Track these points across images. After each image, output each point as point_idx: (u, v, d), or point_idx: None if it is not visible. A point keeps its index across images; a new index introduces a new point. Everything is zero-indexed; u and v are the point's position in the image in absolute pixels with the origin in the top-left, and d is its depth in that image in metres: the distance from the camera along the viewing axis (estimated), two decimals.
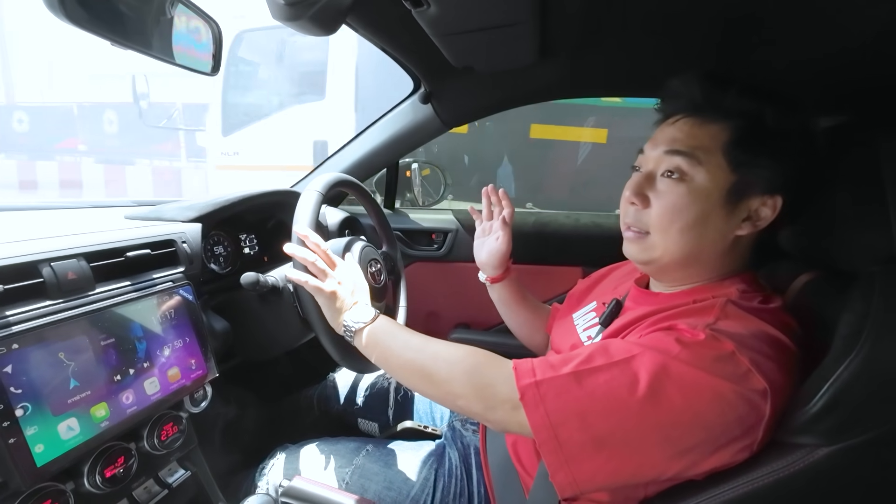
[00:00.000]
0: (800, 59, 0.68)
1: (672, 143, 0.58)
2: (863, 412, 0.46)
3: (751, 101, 0.56)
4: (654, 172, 0.60)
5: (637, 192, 0.60)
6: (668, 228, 0.57)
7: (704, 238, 0.57)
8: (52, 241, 0.61)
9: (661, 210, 0.58)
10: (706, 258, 0.59)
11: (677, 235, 0.57)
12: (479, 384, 0.56)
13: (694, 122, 0.58)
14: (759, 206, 0.56)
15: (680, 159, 0.56)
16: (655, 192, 0.59)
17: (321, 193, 0.78)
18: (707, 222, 0.56)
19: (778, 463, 0.48)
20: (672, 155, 0.57)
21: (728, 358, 0.48)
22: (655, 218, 0.58)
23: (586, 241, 1.30)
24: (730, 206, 0.56)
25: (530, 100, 1.12)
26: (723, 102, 0.57)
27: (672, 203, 0.57)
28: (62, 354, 0.54)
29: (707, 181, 0.56)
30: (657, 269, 0.63)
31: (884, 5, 0.51)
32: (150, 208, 0.87)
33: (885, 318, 0.46)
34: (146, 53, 0.60)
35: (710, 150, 0.56)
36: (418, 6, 0.61)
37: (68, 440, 0.54)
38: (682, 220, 0.57)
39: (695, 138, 0.57)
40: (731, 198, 0.56)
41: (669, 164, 0.57)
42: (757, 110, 0.55)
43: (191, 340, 0.71)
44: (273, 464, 0.82)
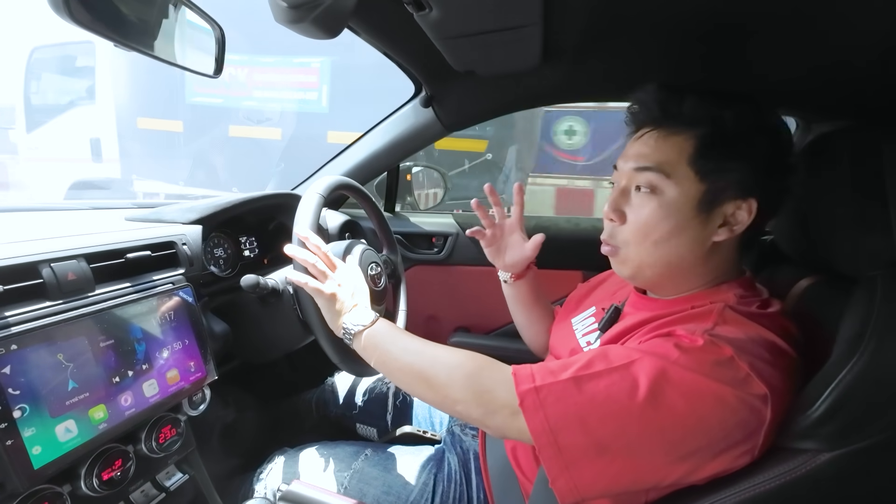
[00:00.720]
0: (801, 65, 0.69)
1: (640, 158, 0.59)
2: (866, 417, 0.45)
3: (708, 108, 0.57)
4: (628, 188, 0.61)
5: (614, 208, 0.61)
6: (642, 242, 0.59)
7: (680, 248, 0.58)
8: (53, 241, 0.61)
9: (636, 225, 0.59)
10: (687, 266, 0.60)
11: (651, 248, 0.58)
12: (478, 389, 0.55)
13: (658, 135, 0.59)
14: (734, 211, 0.57)
15: (650, 174, 0.58)
16: (630, 207, 0.60)
17: (323, 196, 0.78)
18: (682, 233, 0.57)
19: (780, 468, 0.47)
20: (641, 171, 0.59)
21: (727, 363, 0.48)
22: (630, 233, 0.60)
23: (586, 246, 1.29)
24: (703, 214, 0.57)
25: (532, 103, 1.12)
26: (681, 112, 0.58)
27: (645, 218, 0.58)
28: (61, 356, 0.54)
29: (678, 194, 0.57)
30: (644, 281, 0.63)
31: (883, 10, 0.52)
32: (151, 210, 0.87)
33: (887, 322, 0.46)
34: (149, 55, 0.60)
35: (676, 162, 0.57)
36: (420, 10, 0.62)
37: (66, 442, 0.54)
38: (656, 234, 0.58)
39: (661, 152, 0.58)
40: (704, 207, 0.57)
41: (640, 179, 0.59)
42: (716, 115, 0.56)
43: (190, 342, 0.71)
44: (271, 468, 0.82)
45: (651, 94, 0.60)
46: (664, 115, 0.59)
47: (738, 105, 0.56)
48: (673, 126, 0.58)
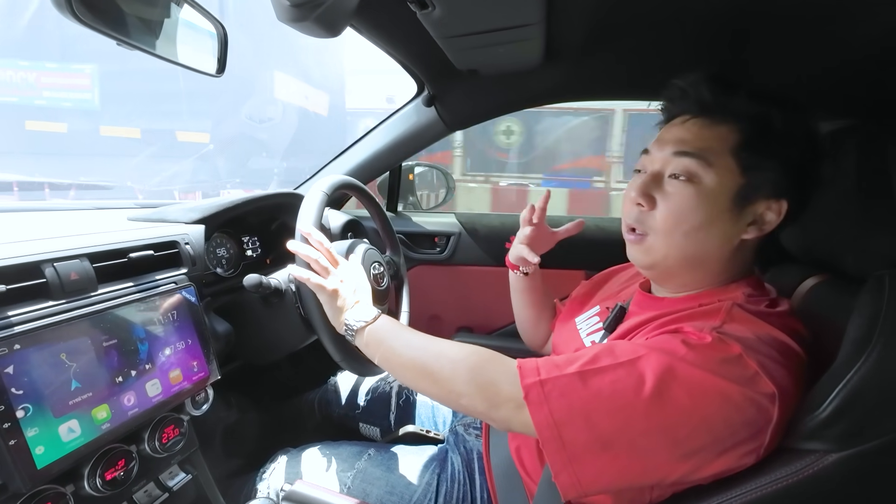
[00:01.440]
0: (806, 63, 0.68)
1: (681, 143, 0.57)
2: (874, 417, 0.45)
3: (759, 104, 0.56)
4: (661, 173, 0.59)
5: (643, 192, 0.58)
6: (673, 231, 0.57)
7: (709, 242, 0.57)
8: (56, 241, 0.61)
9: (667, 212, 0.57)
10: (711, 262, 0.59)
11: (681, 238, 0.57)
12: (483, 382, 0.55)
13: (703, 123, 0.57)
14: (764, 210, 0.56)
15: (689, 160, 0.56)
16: (663, 194, 0.58)
17: (326, 194, 0.78)
18: (713, 226, 0.56)
19: (786, 469, 0.47)
20: (681, 156, 0.56)
21: (735, 360, 0.47)
22: (660, 220, 0.57)
23: (589, 245, 1.30)
24: (736, 209, 0.56)
25: (534, 102, 1.12)
26: (730, 104, 0.56)
27: (679, 205, 0.56)
28: (64, 355, 0.54)
29: (716, 184, 0.55)
30: (661, 273, 0.62)
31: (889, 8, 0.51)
32: (154, 210, 0.87)
33: (895, 322, 0.46)
34: (151, 54, 0.60)
35: (718, 151, 0.55)
36: (423, 8, 0.62)
37: (69, 442, 0.54)
38: (688, 223, 0.56)
39: (704, 140, 0.56)
40: (739, 201, 0.55)
41: (678, 165, 0.57)
42: (764, 113, 0.55)
43: (193, 342, 0.71)
44: (274, 468, 0.81)
45: (700, 83, 0.58)
46: (715, 103, 0.57)
47: (788, 106, 0.56)
48: (720, 116, 0.56)
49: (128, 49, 0.53)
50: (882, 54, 0.59)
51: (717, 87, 0.57)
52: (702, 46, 0.72)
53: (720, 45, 0.71)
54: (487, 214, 1.41)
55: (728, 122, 0.56)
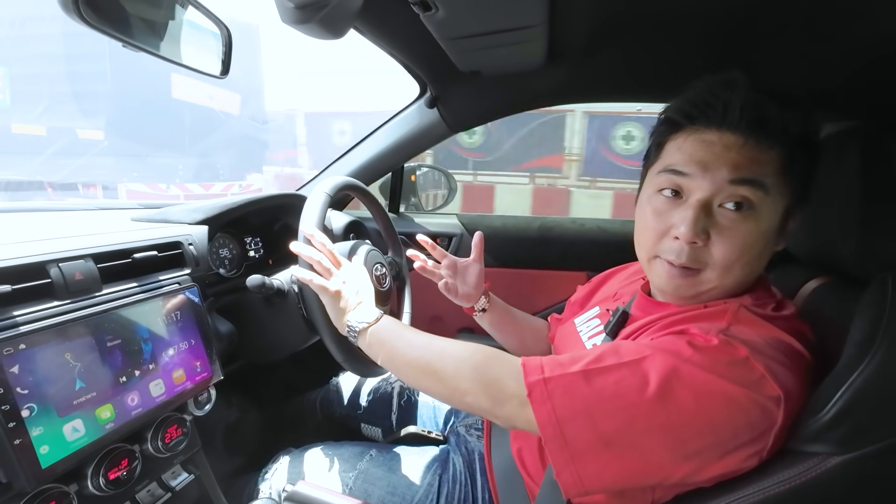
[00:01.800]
0: (810, 64, 0.68)
1: (737, 170, 0.51)
2: (877, 420, 0.45)
3: (804, 121, 0.52)
4: (710, 202, 0.53)
5: (700, 230, 0.52)
6: (734, 265, 0.53)
7: (759, 267, 0.56)
8: (60, 241, 0.62)
9: (728, 248, 0.52)
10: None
11: (739, 271, 0.54)
12: (487, 380, 0.55)
13: (748, 144, 0.51)
14: (791, 223, 0.56)
15: (748, 190, 0.51)
16: (717, 227, 0.53)
17: (329, 195, 0.78)
18: (765, 251, 0.55)
19: (789, 472, 0.47)
20: (738, 184, 0.51)
21: (741, 363, 0.47)
22: (720, 256, 0.53)
23: (591, 247, 1.29)
24: (780, 230, 0.55)
25: (537, 104, 1.12)
26: (785, 124, 0.51)
27: (742, 241, 0.52)
28: (68, 355, 0.54)
29: (772, 212, 0.52)
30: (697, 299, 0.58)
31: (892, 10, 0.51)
32: (157, 210, 0.88)
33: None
34: (157, 55, 0.60)
35: (772, 176, 0.51)
36: (427, 10, 0.62)
37: (73, 441, 0.54)
38: (748, 256, 0.53)
39: (760, 164, 0.51)
40: (783, 223, 0.55)
41: (734, 193, 0.51)
42: (804, 130, 0.52)
43: (196, 342, 0.71)
44: (276, 468, 0.82)
45: (757, 100, 0.51)
46: (769, 124, 0.51)
47: (814, 119, 0.54)
48: (768, 136, 0.51)
49: (133, 50, 0.53)
50: (887, 56, 0.59)
51: (760, 100, 0.51)
52: (705, 48, 0.72)
53: (724, 47, 0.71)
54: (489, 215, 1.41)
55: (777, 143, 0.51)
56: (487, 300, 0.89)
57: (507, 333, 0.93)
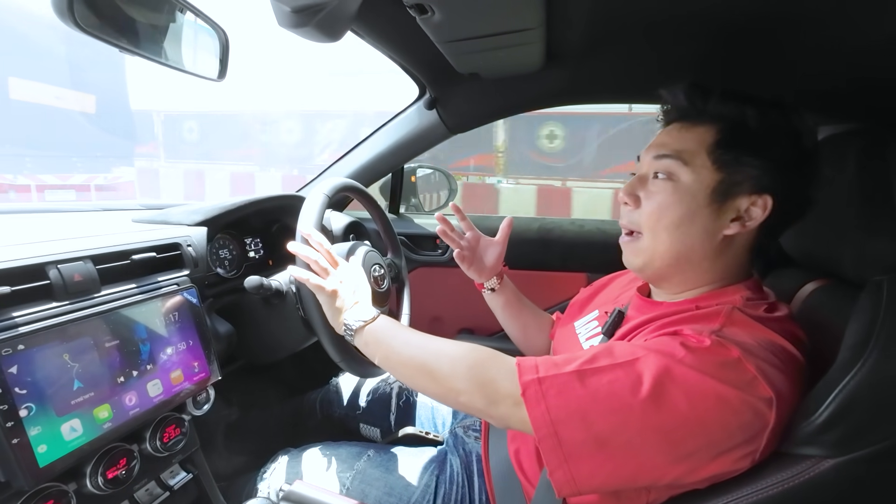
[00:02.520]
0: (807, 68, 0.68)
1: (661, 147, 0.61)
2: (870, 423, 0.45)
3: (733, 105, 0.58)
4: (646, 175, 0.62)
5: (629, 192, 0.63)
6: (656, 226, 0.60)
7: (692, 236, 0.59)
8: (59, 243, 0.62)
9: (651, 208, 0.60)
10: (697, 259, 0.60)
11: (665, 233, 0.59)
12: (482, 380, 0.55)
13: (682, 126, 0.61)
14: (748, 206, 0.57)
15: (668, 161, 0.59)
16: (646, 192, 0.61)
17: (328, 196, 0.78)
18: (694, 220, 0.58)
19: (782, 474, 0.47)
20: (661, 158, 0.60)
21: (734, 364, 0.47)
22: (645, 216, 0.61)
23: (590, 248, 1.29)
24: (716, 204, 0.57)
25: (536, 105, 1.12)
26: (706, 107, 0.60)
27: (660, 201, 0.59)
28: (67, 356, 0.55)
29: (693, 181, 0.58)
30: (653, 273, 0.63)
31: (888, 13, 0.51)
32: (157, 212, 0.88)
33: (892, 328, 0.45)
34: (155, 60, 0.61)
35: (695, 151, 0.58)
36: (423, 13, 0.62)
37: (71, 441, 0.54)
38: (668, 218, 0.59)
39: (681, 141, 0.60)
40: (717, 196, 0.57)
41: (658, 166, 0.60)
42: (739, 112, 0.57)
43: (194, 343, 0.72)
44: (274, 467, 0.82)
45: (678, 90, 0.62)
46: (690, 108, 0.61)
47: (763, 104, 0.57)
48: (696, 119, 0.60)
49: (128, 55, 0.54)
50: (883, 59, 0.59)
51: (694, 92, 0.61)
52: (701, 51, 0.72)
53: (720, 50, 0.71)
54: (489, 216, 1.41)
55: (705, 124, 0.59)
56: (499, 281, 0.91)
57: (511, 318, 0.93)
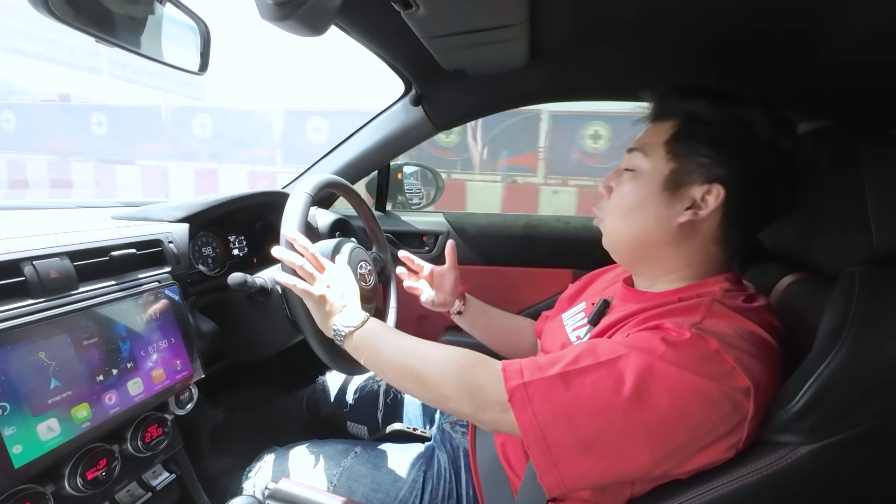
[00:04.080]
0: (781, 67, 0.70)
1: (634, 143, 0.65)
2: (843, 410, 0.46)
3: (686, 101, 0.61)
4: (621, 170, 0.66)
5: (605, 184, 0.67)
6: (615, 212, 0.64)
7: (645, 222, 0.61)
8: (35, 239, 0.61)
9: (615, 198, 0.65)
10: (654, 244, 0.62)
11: (621, 219, 0.63)
12: (470, 386, 0.56)
13: (653, 124, 0.65)
14: (702, 195, 0.58)
15: (634, 154, 0.64)
16: (617, 183, 0.65)
17: (310, 195, 0.77)
18: (646, 206, 0.61)
19: (761, 461, 0.48)
20: (630, 152, 0.64)
21: (713, 357, 0.48)
22: (610, 204, 0.65)
23: (576, 244, 1.31)
24: (668, 192, 0.60)
25: (522, 102, 1.13)
26: (668, 106, 0.63)
27: (622, 190, 0.64)
28: (43, 354, 0.54)
29: (649, 170, 0.61)
30: (620, 255, 0.67)
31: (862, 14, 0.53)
32: (137, 208, 0.87)
33: (864, 317, 0.47)
34: (133, 52, 0.59)
35: (655, 144, 0.62)
36: (407, 8, 0.62)
37: (48, 441, 0.53)
38: (625, 204, 0.63)
39: (648, 136, 0.64)
40: (670, 185, 0.60)
41: (628, 160, 0.64)
42: (692, 107, 0.60)
43: (176, 341, 0.70)
44: (260, 466, 0.81)
45: (650, 93, 0.66)
46: (657, 108, 0.65)
47: (715, 99, 0.59)
48: (663, 116, 0.63)
49: (106, 46, 0.53)
50: (854, 59, 0.61)
51: (660, 92, 0.65)
52: (682, 50, 0.73)
53: (700, 50, 0.73)
54: (475, 214, 1.41)
55: (669, 120, 0.62)
56: (463, 303, 0.93)
57: (484, 332, 0.96)
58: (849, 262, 0.55)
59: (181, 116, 8.91)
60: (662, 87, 0.64)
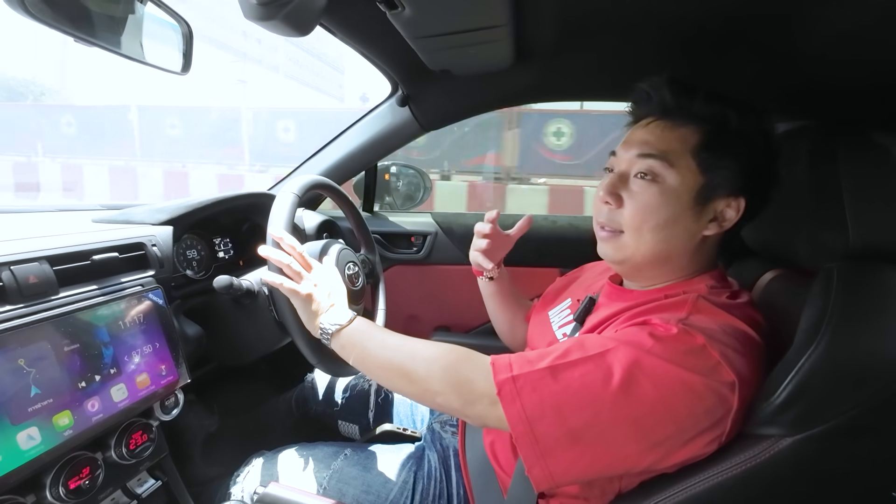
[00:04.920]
0: (761, 66, 0.71)
1: (644, 145, 0.60)
2: (823, 402, 0.47)
3: (716, 106, 0.58)
4: (627, 173, 0.61)
5: (611, 191, 0.61)
6: (641, 227, 0.59)
7: (675, 238, 0.59)
8: (13, 244, 0.59)
9: (635, 210, 0.59)
10: (676, 258, 0.61)
11: (649, 235, 0.59)
12: (458, 380, 0.56)
13: (665, 125, 0.60)
14: (724, 208, 0.59)
15: (653, 161, 0.58)
16: (629, 193, 0.60)
17: (297, 195, 0.77)
18: (678, 223, 0.58)
19: (745, 454, 0.49)
20: (645, 158, 0.59)
21: (699, 351, 0.49)
22: (629, 217, 0.60)
23: (563, 243, 1.32)
24: (698, 207, 0.58)
25: (508, 102, 1.14)
26: (691, 107, 0.59)
27: (645, 203, 0.58)
28: (22, 361, 0.52)
29: (678, 183, 0.58)
30: (630, 268, 0.64)
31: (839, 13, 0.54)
32: (119, 211, 0.85)
33: (842, 311, 0.48)
34: (114, 52, 0.58)
35: (680, 153, 0.58)
36: (392, 9, 0.62)
37: (28, 450, 0.52)
38: (654, 220, 0.58)
39: (666, 141, 0.59)
40: (700, 199, 0.58)
41: (642, 165, 0.59)
42: (721, 114, 0.58)
43: (161, 346, 0.69)
44: (248, 470, 0.80)
45: (663, 86, 0.61)
46: (676, 106, 0.60)
47: (742, 107, 0.58)
48: (681, 118, 0.59)
49: (86, 46, 0.52)
50: (830, 60, 0.62)
51: (678, 90, 0.60)
52: (665, 50, 0.74)
53: (684, 49, 0.74)
54: (464, 214, 1.42)
55: (689, 124, 0.59)
56: (498, 271, 0.89)
57: (502, 308, 0.93)
58: (827, 258, 0.56)
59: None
60: (681, 85, 0.60)
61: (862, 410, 0.46)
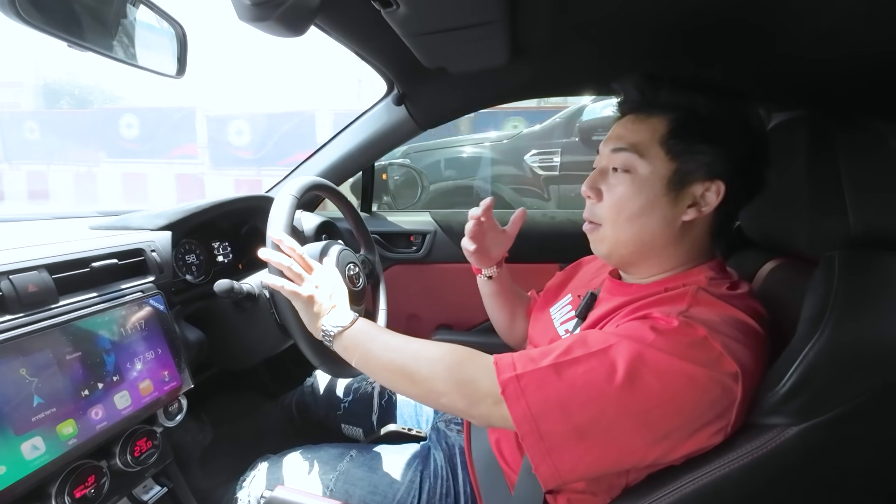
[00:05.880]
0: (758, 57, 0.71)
1: (618, 140, 0.62)
2: (828, 390, 0.47)
3: (682, 95, 0.60)
4: (606, 168, 0.63)
5: (591, 186, 0.64)
6: (617, 218, 0.61)
7: (651, 225, 0.60)
8: (11, 252, 0.59)
9: (612, 202, 0.62)
10: (660, 245, 0.62)
11: (626, 224, 0.61)
12: (461, 380, 0.56)
13: (636, 118, 0.62)
14: (703, 192, 0.59)
15: (625, 154, 0.61)
16: (608, 186, 0.63)
17: (295, 197, 0.77)
18: (654, 210, 0.60)
19: (751, 444, 0.49)
20: (619, 152, 0.61)
21: (701, 343, 0.49)
22: (606, 209, 0.62)
23: (562, 239, 1.32)
24: (673, 193, 0.59)
25: (504, 99, 1.13)
26: (657, 98, 0.61)
27: (620, 194, 0.61)
28: (24, 371, 0.52)
29: (649, 172, 0.59)
30: (618, 260, 0.65)
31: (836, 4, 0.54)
32: (117, 218, 0.84)
33: (845, 299, 0.48)
34: (107, 56, 0.58)
35: (649, 142, 0.60)
36: (387, 7, 0.61)
37: (33, 461, 0.51)
38: (628, 210, 0.60)
39: (636, 134, 0.61)
40: (673, 185, 0.59)
41: (617, 160, 0.61)
42: (689, 102, 0.59)
43: (163, 351, 0.69)
44: (254, 475, 0.80)
45: (631, 82, 0.63)
46: (642, 100, 0.62)
47: (712, 93, 0.59)
48: (649, 110, 0.61)
49: (80, 51, 0.51)
50: (827, 49, 0.62)
51: (643, 83, 0.62)
52: (661, 44, 0.74)
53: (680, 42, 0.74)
54: (462, 212, 1.42)
55: (656, 114, 0.61)
56: (498, 270, 0.89)
57: (501, 307, 0.93)
58: (827, 246, 0.56)
59: None
60: (649, 78, 0.62)
61: (868, 396, 0.46)
